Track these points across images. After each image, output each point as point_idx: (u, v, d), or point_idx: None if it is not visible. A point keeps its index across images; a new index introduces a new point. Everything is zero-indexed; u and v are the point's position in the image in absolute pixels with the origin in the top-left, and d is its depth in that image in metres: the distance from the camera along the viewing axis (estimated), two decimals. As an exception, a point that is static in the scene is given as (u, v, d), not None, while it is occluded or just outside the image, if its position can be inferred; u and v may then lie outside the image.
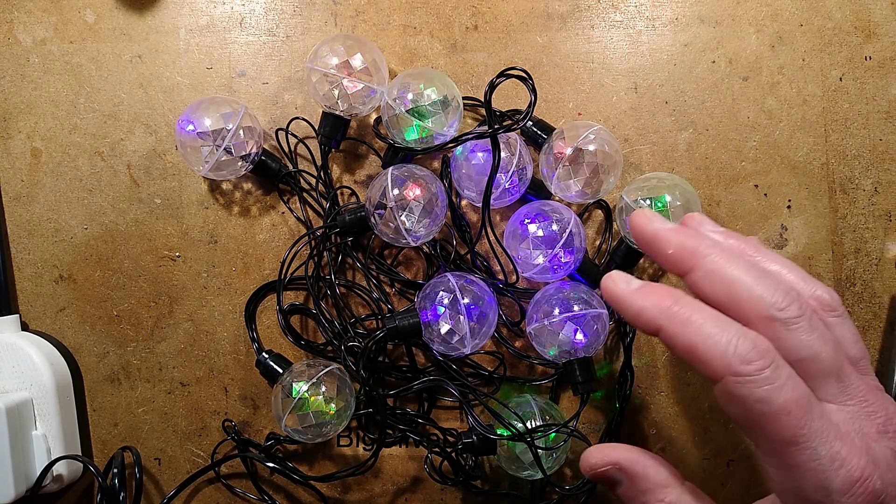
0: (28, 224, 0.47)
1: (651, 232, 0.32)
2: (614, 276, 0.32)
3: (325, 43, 0.44)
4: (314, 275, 0.46)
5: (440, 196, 0.42)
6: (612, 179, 0.44)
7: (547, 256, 0.42)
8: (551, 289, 0.43)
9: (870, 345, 0.47)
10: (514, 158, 0.43)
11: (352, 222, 0.44)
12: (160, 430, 0.47)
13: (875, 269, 0.47)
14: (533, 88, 0.39)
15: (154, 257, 0.47)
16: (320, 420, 0.42)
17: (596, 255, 0.47)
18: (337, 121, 0.45)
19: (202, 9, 0.48)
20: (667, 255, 0.32)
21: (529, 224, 0.42)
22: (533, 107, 0.39)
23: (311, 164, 0.47)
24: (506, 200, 0.45)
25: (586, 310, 0.41)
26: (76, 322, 0.47)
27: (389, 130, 0.44)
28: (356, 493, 0.47)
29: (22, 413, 0.43)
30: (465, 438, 0.43)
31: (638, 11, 0.48)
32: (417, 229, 0.42)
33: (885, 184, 0.47)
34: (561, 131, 0.44)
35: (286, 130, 0.46)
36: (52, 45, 0.48)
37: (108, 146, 0.48)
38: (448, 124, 0.43)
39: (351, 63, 0.43)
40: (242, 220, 0.47)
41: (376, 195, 0.42)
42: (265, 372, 0.46)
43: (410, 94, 0.43)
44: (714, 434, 0.47)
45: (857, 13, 0.48)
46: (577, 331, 0.41)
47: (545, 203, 0.44)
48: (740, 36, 0.48)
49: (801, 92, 0.48)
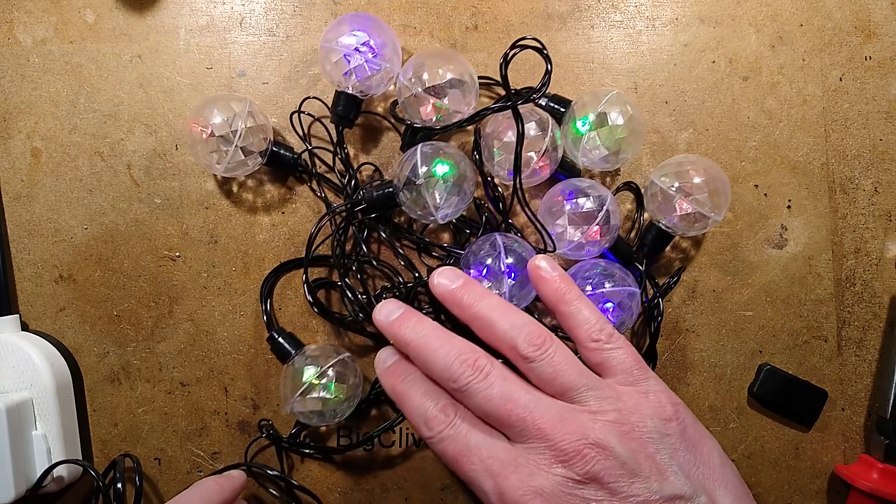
0: (28, 224, 0.47)
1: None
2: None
3: (339, 22, 0.44)
4: (341, 250, 0.46)
5: (468, 173, 0.42)
6: (636, 144, 0.44)
7: (584, 233, 0.42)
8: (586, 265, 0.43)
9: (870, 345, 0.47)
10: (547, 136, 0.42)
11: (379, 198, 0.44)
12: (160, 430, 0.47)
13: (875, 269, 0.47)
14: (547, 57, 0.38)
15: (154, 257, 0.47)
16: (326, 407, 0.42)
17: (627, 236, 0.47)
18: (350, 100, 0.45)
19: (202, 9, 0.48)
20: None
21: (566, 200, 0.42)
22: (549, 76, 0.38)
23: (323, 150, 0.47)
24: (536, 179, 0.45)
25: (622, 286, 0.41)
26: (76, 322, 0.47)
27: (406, 111, 0.44)
28: (356, 494, 0.47)
29: (22, 413, 0.43)
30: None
31: (638, 11, 0.48)
32: (445, 206, 0.42)
33: (885, 184, 0.47)
34: (581, 99, 0.44)
35: (299, 111, 0.46)
36: (52, 45, 0.48)
37: (108, 146, 0.48)
38: (465, 102, 0.43)
39: (365, 42, 0.43)
40: (242, 220, 0.47)
41: (405, 172, 0.42)
42: (276, 350, 0.46)
43: (426, 74, 0.43)
44: (714, 433, 0.46)
45: (857, 13, 0.48)
46: (612, 307, 0.41)
47: (582, 180, 0.44)
48: (740, 36, 0.48)
49: (801, 92, 0.48)
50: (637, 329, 0.47)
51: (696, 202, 0.43)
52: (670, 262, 0.47)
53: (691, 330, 0.47)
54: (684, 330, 0.47)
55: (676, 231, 0.44)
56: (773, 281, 0.47)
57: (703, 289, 0.47)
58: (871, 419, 0.47)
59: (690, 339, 0.47)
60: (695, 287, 0.47)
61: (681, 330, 0.47)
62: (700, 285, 0.47)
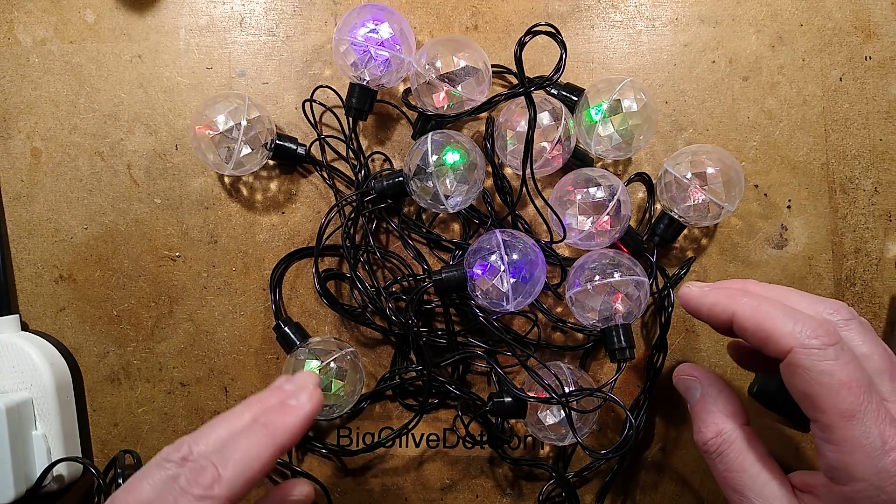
0: (28, 224, 0.47)
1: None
2: (689, 284, 0.37)
3: (353, 13, 0.44)
4: (351, 240, 0.46)
5: (479, 162, 0.42)
6: (649, 132, 0.44)
7: (595, 223, 0.42)
8: (595, 254, 0.43)
9: (870, 345, 0.47)
10: (560, 125, 0.42)
11: (389, 188, 0.44)
12: (160, 430, 0.47)
13: (875, 269, 0.47)
14: (562, 43, 0.38)
15: (154, 257, 0.47)
16: (327, 401, 0.42)
17: (638, 226, 0.47)
18: (364, 91, 0.45)
19: (202, 9, 0.48)
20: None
21: (577, 189, 0.42)
22: (564, 62, 0.38)
23: (333, 138, 0.47)
24: (549, 169, 0.45)
25: (630, 276, 0.41)
26: (76, 322, 0.47)
27: (419, 99, 0.44)
28: (357, 495, 0.47)
29: (22, 413, 0.43)
30: (496, 398, 0.43)
31: (638, 11, 0.48)
32: (455, 195, 0.42)
33: (885, 184, 0.47)
34: (595, 87, 0.44)
35: (311, 99, 0.46)
36: (52, 45, 0.48)
37: (108, 146, 0.48)
38: (478, 89, 0.43)
39: (378, 32, 0.43)
40: (242, 220, 0.47)
41: (415, 160, 0.42)
42: (281, 340, 0.46)
43: (440, 62, 0.43)
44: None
45: (857, 13, 0.48)
46: (620, 296, 0.41)
47: (593, 169, 0.44)
48: (740, 36, 0.48)
49: (801, 92, 0.48)
50: (647, 320, 0.47)
51: (711, 191, 0.43)
52: (680, 253, 0.47)
53: (691, 330, 0.47)
54: (685, 330, 0.47)
55: (689, 221, 0.44)
56: (772, 281, 0.47)
57: (703, 289, 0.47)
58: (871, 419, 0.47)
59: (691, 339, 0.47)
60: (695, 287, 0.47)
61: (681, 330, 0.47)
62: (700, 285, 0.47)
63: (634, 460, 0.47)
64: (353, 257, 0.46)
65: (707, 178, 0.43)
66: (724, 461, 0.35)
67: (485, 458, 0.47)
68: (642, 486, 0.47)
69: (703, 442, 0.37)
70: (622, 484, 0.47)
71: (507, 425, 0.46)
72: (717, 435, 0.36)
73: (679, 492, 0.47)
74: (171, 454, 0.31)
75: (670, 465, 0.47)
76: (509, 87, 0.47)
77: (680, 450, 0.47)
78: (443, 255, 0.47)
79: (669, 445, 0.47)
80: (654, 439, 0.47)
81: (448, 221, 0.47)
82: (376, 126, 0.48)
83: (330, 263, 0.47)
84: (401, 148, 0.48)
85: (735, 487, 0.35)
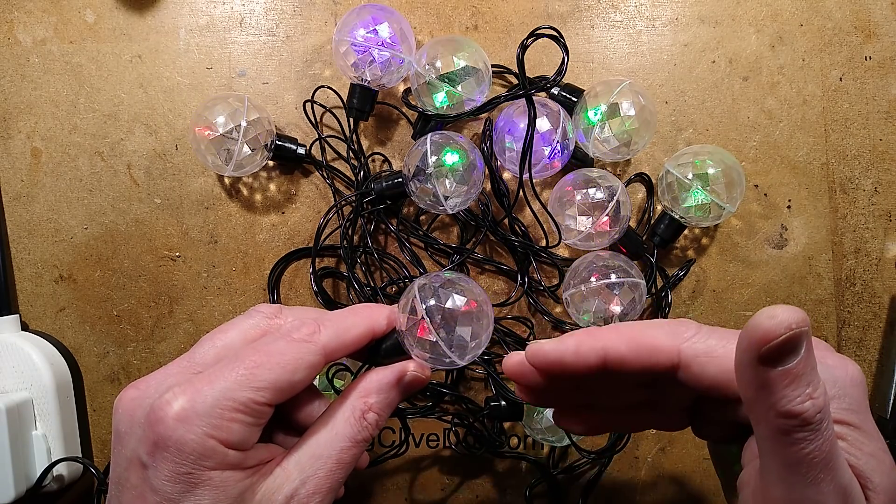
0: (28, 224, 0.47)
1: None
2: (532, 343, 0.31)
3: (353, 13, 0.44)
4: (349, 241, 0.46)
5: (478, 164, 0.42)
6: (647, 136, 0.44)
7: (594, 223, 0.42)
8: (591, 256, 0.43)
9: (870, 345, 0.47)
10: (559, 128, 0.42)
11: (388, 189, 0.44)
12: (160, 430, 0.47)
13: (875, 269, 0.47)
14: (564, 46, 0.38)
15: (154, 257, 0.47)
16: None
17: (637, 226, 0.47)
18: (365, 92, 0.45)
19: (202, 9, 0.48)
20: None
21: (577, 190, 0.42)
22: (566, 65, 0.38)
23: (333, 139, 0.47)
24: (548, 172, 0.45)
25: (625, 278, 0.41)
26: (76, 322, 0.47)
27: (419, 99, 0.44)
28: (356, 494, 0.47)
29: (22, 413, 0.43)
30: (492, 402, 0.43)
31: (638, 11, 0.48)
32: (454, 196, 0.42)
33: (885, 184, 0.47)
34: (593, 89, 0.44)
35: (311, 100, 0.46)
36: (52, 45, 0.48)
37: (108, 146, 0.48)
38: (478, 90, 0.43)
39: (378, 33, 0.43)
40: (242, 220, 0.47)
41: (414, 162, 0.42)
42: None
43: (440, 62, 0.43)
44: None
45: (857, 13, 0.48)
46: (615, 298, 0.41)
47: (593, 170, 0.44)
48: (740, 36, 0.48)
49: (801, 92, 0.48)
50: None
51: (712, 192, 0.43)
52: (681, 253, 0.47)
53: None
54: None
55: (690, 222, 0.44)
56: (773, 281, 0.47)
57: (703, 289, 0.47)
58: (871, 419, 0.47)
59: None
60: (695, 287, 0.47)
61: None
62: (700, 285, 0.47)
63: (634, 460, 0.47)
64: (350, 258, 0.46)
65: (709, 179, 0.43)
66: (830, 430, 0.25)
67: (485, 458, 0.47)
68: (642, 486, 0.47)
69: (818, 409, 0.25)
70: (622, 484, 0.47)
71: (503, 427, 0.46)
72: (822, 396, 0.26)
73: (678, 492, 0.47)
74: (263, 308, 0.32)
75: (669, 465, 0.47)
76: (509, 88, 0.47)
77: (679, 450, 0.47)
78: (440, 259, 0.47)
79: (669, 445, 0.47)
80: (653, 439, 0.47)
81: (449, 224, 0.47)
82: (376, 126, 0.48)
83: (329, 264, 0.47)
84: (401, 148, 0.48)
85: (827, 463, 0.25)
